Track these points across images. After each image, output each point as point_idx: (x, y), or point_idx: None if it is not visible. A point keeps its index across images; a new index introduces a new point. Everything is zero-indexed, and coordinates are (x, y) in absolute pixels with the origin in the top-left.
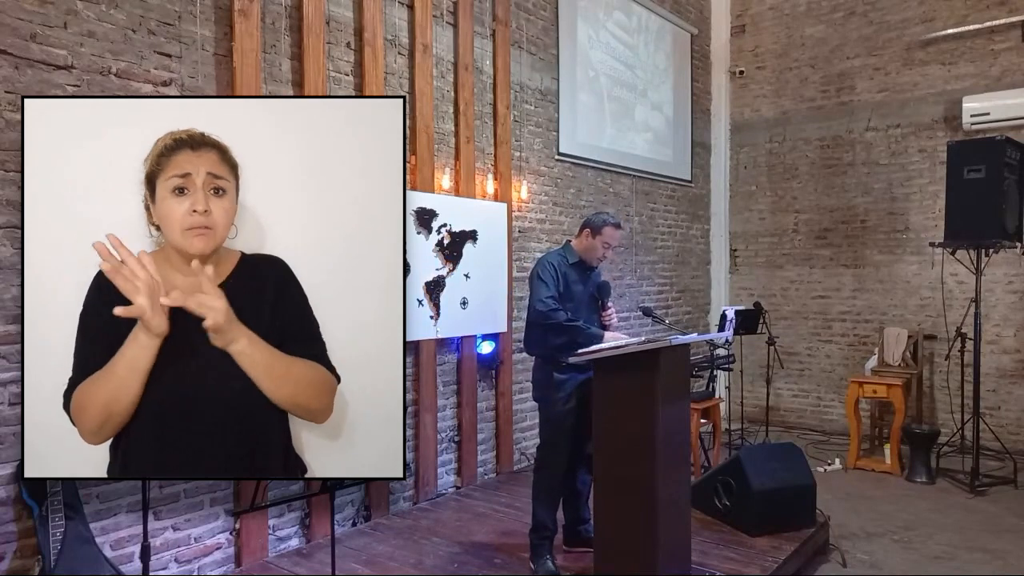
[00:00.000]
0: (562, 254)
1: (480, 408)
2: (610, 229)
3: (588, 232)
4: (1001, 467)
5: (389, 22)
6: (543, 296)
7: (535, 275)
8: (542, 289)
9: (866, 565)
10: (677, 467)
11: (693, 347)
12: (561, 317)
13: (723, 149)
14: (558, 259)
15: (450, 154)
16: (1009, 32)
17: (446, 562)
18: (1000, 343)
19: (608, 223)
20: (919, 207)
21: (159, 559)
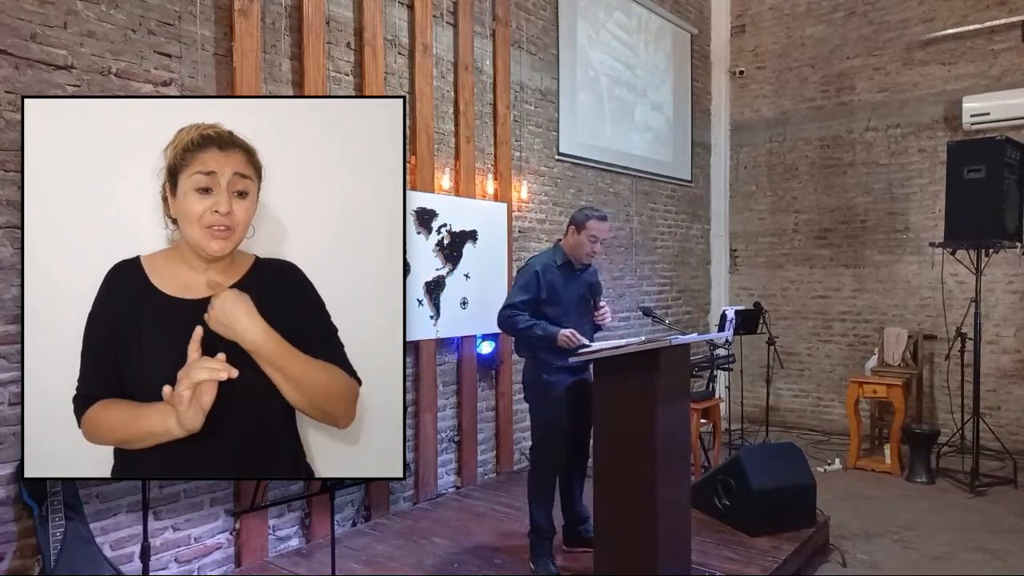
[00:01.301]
0: (550, 256)
1: (480, 408)
2: (594, 222)
3: (573, 229)
4: (1001, 467)
5: (389, 22)
6: (505, 303)
7: (516, 278)
8: (510, 295)
9: (866, 565)
10: (677, 467)
11: (693, 347)
12: (519, 321)
13: (723, 149)
14: (543, 262)
15: (450, 154)
16: (1009, 32)
17: (446, 562)
18: (1000, 343)
19: (591, 216)
20: (919, 207)
21: (159, 559)
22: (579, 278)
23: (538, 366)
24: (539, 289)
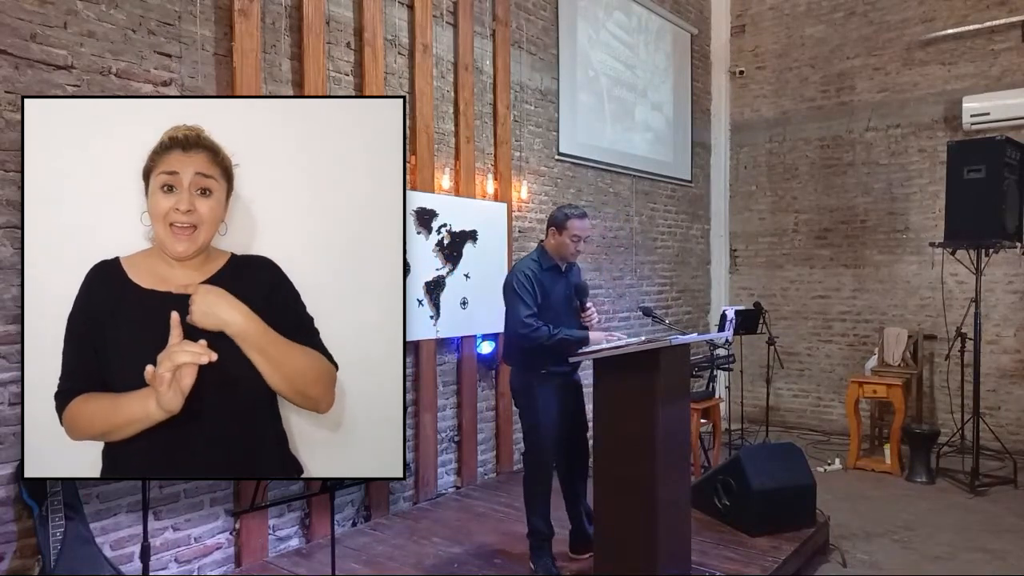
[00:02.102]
0: (535, 260)
1: (480, 408)
2: (575, 221)
3: (553, 230)
4: (1001, 467)
5: (389, 22)
6: (522, 316)
7: (510, 288)
8: (520, 308)
9: (866, 565)
10: (677, 467)
11: (693, 347)
12: (543, 335)
13: (723, 149)
14: (531, 267)
15: (450, 154)
16: (1009, 32)
17: (446, 562)
18: (1000, 343)
19: (571, 216)
20: (919, 207)
21: (159, 559)
22: (565, 280)
23: (526, 373)
24: (535, 295)
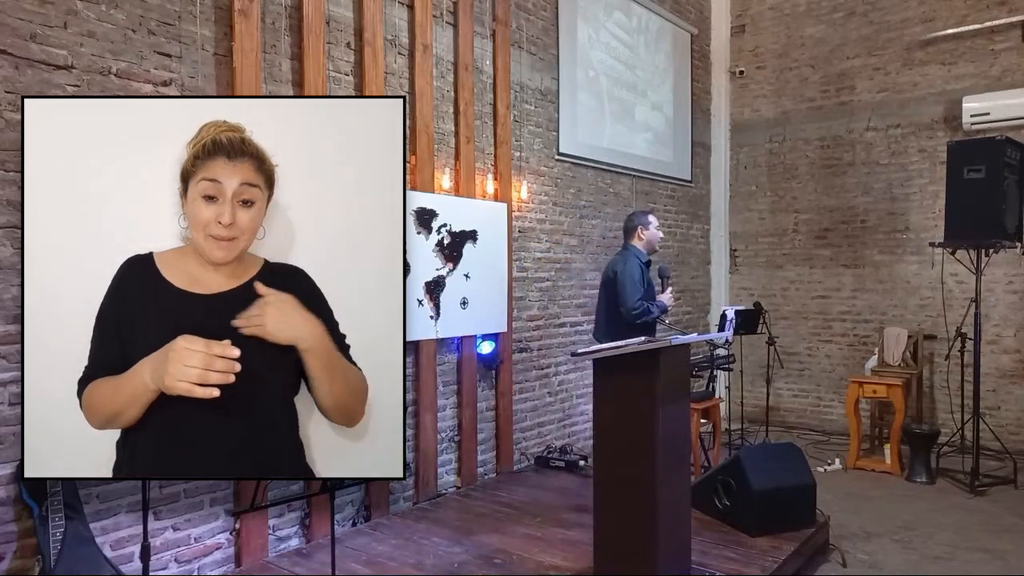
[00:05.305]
0: (637, 257)
1: (480, 408)
2: (650, 216)
3: (640, 230)
4: (1001, 467)
5: (389, 22)
6: (635, 300)
7: (627, 278)
8: (634, 293)
9: (866, 565)
10: (677, 467)
11: (693, 347)
12: (654, 313)
13: (723, 149)
14: (640, 263)
15: (450, 154)
16: (1009, 32)
17: (446, 562)
18: (1000, 343)
19: (645, 214)
20: (919, 207)
21: (159, 559)
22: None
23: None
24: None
